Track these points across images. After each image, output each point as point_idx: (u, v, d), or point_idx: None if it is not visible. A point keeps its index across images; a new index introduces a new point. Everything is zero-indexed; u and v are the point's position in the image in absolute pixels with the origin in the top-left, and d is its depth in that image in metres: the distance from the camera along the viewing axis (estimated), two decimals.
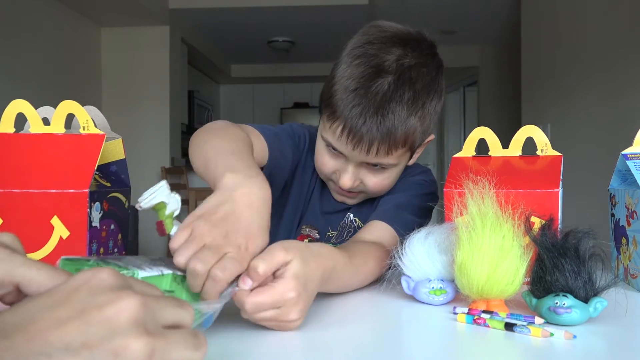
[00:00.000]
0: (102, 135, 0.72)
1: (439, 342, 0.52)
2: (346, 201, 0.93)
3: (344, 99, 0.78)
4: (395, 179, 0.89)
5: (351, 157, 0.82)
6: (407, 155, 0.86)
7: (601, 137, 2.68)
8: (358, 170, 0.85)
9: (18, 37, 3.35)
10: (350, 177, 0.84)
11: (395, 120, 0.78)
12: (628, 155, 0.76)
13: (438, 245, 0.62)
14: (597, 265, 0.55)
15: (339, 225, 0.98)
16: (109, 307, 0.30)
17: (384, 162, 0.82)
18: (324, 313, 0.59)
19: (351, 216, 0.97)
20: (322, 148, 0.86)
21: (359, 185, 0.87)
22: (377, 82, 0.77)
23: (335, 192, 0.93)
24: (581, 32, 2.94)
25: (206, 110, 6.08)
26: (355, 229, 0.96)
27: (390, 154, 0.81)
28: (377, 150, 0.79)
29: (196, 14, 4.55)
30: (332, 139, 0.82)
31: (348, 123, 0.78)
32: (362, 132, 0.77)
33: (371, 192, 0.89)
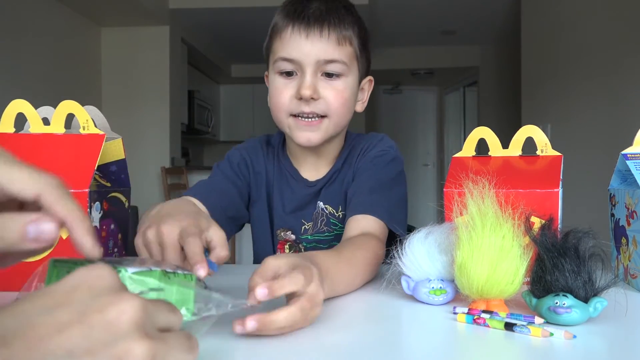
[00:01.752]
0: (102, 135, 0.72)
1: (439, 342, 0.52)
2: (310, 138, 0.90)
3: (285, 12, 0.89)
4: (351, 96, 0.92)
5: (305, 56, 0.86)
6: (355, 66, 0.91)
7: (601, 137, 2.68)
8: (315, 80, 0.87)
9: (18, 37, 3.35)
10: (310, 83, 0.86)
11: (335, 15, 0.87)
12: (628, 155, 0.76)
13: (438, 245, 0.62)
14: (597, 265, 0.55)
15: (312, 215, 0.98)
16: (111, 310, 0.29)
17: (336, 57, 0.86)
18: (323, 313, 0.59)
19: (321, 205, 0.98)
20: (275, 82, 0.90)
21: (320, 102, 0.88)
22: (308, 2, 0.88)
23: (297, 131, 0.90)
24: (581, 32, 2.94)
25: (206, 110, 6.07)
26: (327, 217, 0.97)
27: (340, 44, 0.87)
28: (328, 34, 0.86)
29: (196, 14, 4.55)
30: (284, 50, 0.87)
31: (296, 21, 0.86)
32: (310, 21, 0.86)
33: (333, 108, 0.89)
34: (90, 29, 4.28)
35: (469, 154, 0.83)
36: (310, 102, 0.87)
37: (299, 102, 0.88)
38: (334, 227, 0.97)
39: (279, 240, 1.00)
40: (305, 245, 0.99)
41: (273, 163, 1.02)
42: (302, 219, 0.99)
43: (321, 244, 0.98)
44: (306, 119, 0.89)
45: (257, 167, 1.01)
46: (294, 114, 0.90)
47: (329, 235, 0.98)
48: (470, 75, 6.37)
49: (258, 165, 1.02)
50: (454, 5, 4.58)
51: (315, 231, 0.98)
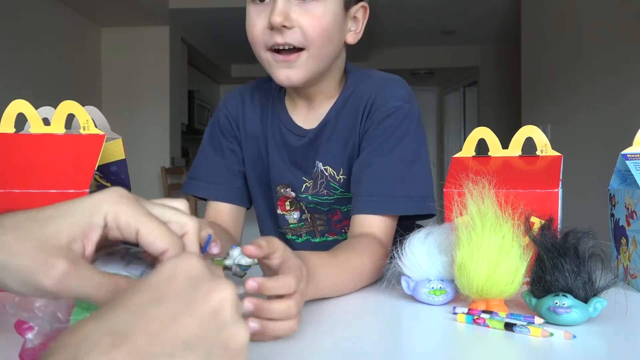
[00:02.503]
0: (102, 135, 0.72)
1: (439, 342, 0.52)
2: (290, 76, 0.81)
3: None
4: (333, 23, 0.79)
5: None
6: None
7: (601, 137, 2.68)
8: (287, 5, 0.76)
9: (18, 37, 3.35)
10: (280, 8, 0.76)
11: None
12: (628, 155, 0.76)
13: (438, 245, 0.62)
14: (596, 265, 0.55)
15: (312, 174, 0.90)
16: (214, 298, 0.30)
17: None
18: (323, 313, 0.59)
19: (320, 165, 0.89)
20: (249, 12, 0.81)
21: (295, 31, 0.77)
22: None
23: (275, 69, 0.81)
24: (581, 32, 2.94)
25: (206, 110, 6.08)
26: (327, 179, 0.89)
27: None
28: None
29: (196, 14, 4.55)
30: None
31: None
32: None
33: (310, 37, 0.78)
34: (90, 29, 4.28)
35: (469, 154, 0.83)
36: (283, 32, 0.77)
37: (271, 32, 0.78)
38: (334, 192, 0.89)
39: (278, 197, 0.93)
40: (305, 205, 0.92)
41: (265, 113, 0.93)
42: (303, 175, 0.90)
43: (321, 206, 0.91)
44: (283, 54, 0.79)
45: (247, 124, 0.93)
46: (270, 48, 0.80)
47: (328, 199, 0.90)
48: (470, 75, 6.37)
49: (246, 120, 0.93)
50: (454, 5, 4.58)
51: (314, 192, 0.90)
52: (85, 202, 0.37)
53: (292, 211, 0.93)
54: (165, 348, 0.27)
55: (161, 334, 0.28)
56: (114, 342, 0.26)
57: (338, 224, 0.92)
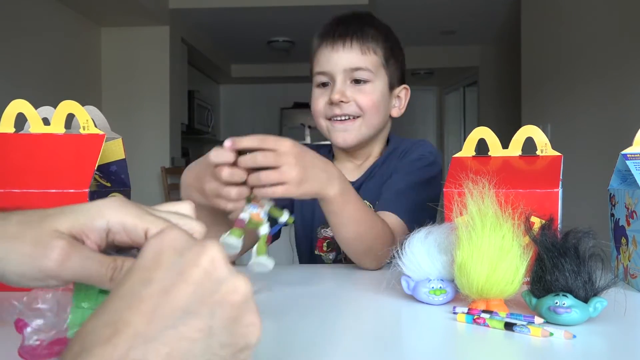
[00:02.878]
0: (102, 135, 0.72)
1: (439, 342, 0.52)
2: (346, 138, 1.00)
3: (320, 34, 1.01)
4: (381, 99, 1.01)
5: (333, 67, 0.98)
6: (382, 73, 1.01)
7: (601, 137, 2.68)
8: (344, 86, 0.98)
9: (18, 37, 3.35)
10: (339, 88, 0.97)
11: (359, 29, 0.99)
12: (628, 155, 0.76)
13: (438, 245, 0.62)
14: (597, 265, 0.55)
15: None
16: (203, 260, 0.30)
17: (360, 65, 0.97)
18: (323, 313, 0.59)
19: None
20: (314, 93, 1.03)
21: (351, 104, 0.98)
22: (343, 19, 1.01)
23: (333, 133, 1.01)
24: (581, 32, 2.94)
25: (206, 110, 6.07)
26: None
27: (364, 53, 0.98)
28: (351, 44, 0.97)
29: (196, 14, 4.55)
30: (318, 65, 1.00)
31: (325, 38, 0.99)
32: (335, 34, 0.98)
33: (364, 109, 0.99)
34: (90, 29, 4.28)
35: (469, 154, 0.83)
36: (341, 105, 0.98)
37: (331, 106, 0.99)
38: None
39: (318, 237, 1.07)
40: None
41: None
42: None
43: None
44: (339, 120, 0.99)
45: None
46: (329, 117, 1.00)
47: None
48: (470, 75, 6.37)
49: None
50: (454, 5, 4.58)
51: None
52: (90, 206, 0.37)
53: (328, 252, 1.06)
54: (165, 321, 0.27)
55: (158, 310, 0.28)
56: (113, 331, 0.26)
57: None
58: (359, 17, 1.03)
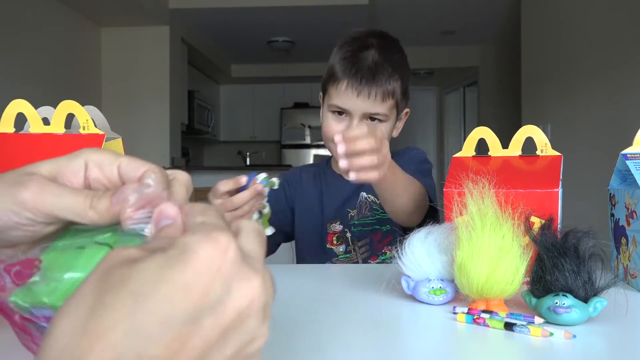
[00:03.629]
0: (102, 135, 0.72)
1: (439, 342, 0.52)
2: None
3: (343, 65, 1.04)
4: (389, 135, 1.09)
5: (354, 108, 1.03)
6: (394, 112, 1.08)
7: (601, 137, 2.68)
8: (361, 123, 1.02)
9: (18, 37, 3.35)
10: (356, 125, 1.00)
11: (384, 74, 1.04)
12: (628, 155, 0.76)
13: (438, 245, 0.62)
14: (596, 265, 0.55)
15: (356, 204, 1.13)
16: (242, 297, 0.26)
17: (380, 111, 1.03)
18: (323, 313, 0.59)
19: (364, 195, 1.13)
20: (328, 117, 1.07)
21: None
22: (364, 53, 1.05)
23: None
24: (581, 31, 2.94)
25: (206, 110, 6.07)
26: (370, 204, 1.12)
27: (384, 101, 1.03)
28: (375, 95, 1.02)
29: (196, 14, 4.55)
30: (338, 99, 1.04)
31: (350, 79, 1.03)
32: (362, 82, 1.02)
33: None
34: (90, 29, 4.28)
35: (469, 154, 0.83)
36: None
37: None
38: (376, 212, 1.12)
39: (328, 233, 1.14)
40: (352, 230, 1.13)
41: (318, 179, 1.21)
42: (348, 207, 1.14)
43: (365, 227, 1.13)
44: None
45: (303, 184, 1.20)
46: None
47: (372, 219, 1.13)
48: (470, 75, 6.37)
49: (302, 182, 1.21)
50: (454, 5, 4.58)
51: (360, 216, 1.13)
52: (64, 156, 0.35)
53: (338, 245, 1.14)
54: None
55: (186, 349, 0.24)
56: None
57: (379, 244, 1.13)
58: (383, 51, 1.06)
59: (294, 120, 6.89)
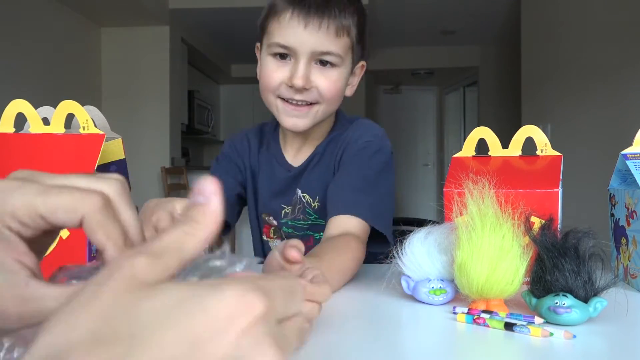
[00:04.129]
0: (102, 135, 0.72)
1: (439, 342, 0.52)
2: (297, 124, 0.90)
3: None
4: (343, 86, 0.91)
5: (301, 45, 0.84)
6: (349, 57, 0.89)
7: (601, 137, 2.68)
8: (309, 68, 0.85)
9: (18, 37, 3.35)
10: (303, 73, 0.85)
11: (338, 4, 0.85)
12: (628, 155, 0.76)
13: (438, 245, 0.62)
14: (597, 265, 0.55)
15: (291, 200, 0.98)
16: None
17: (333, 50, 0.85)
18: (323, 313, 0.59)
19: (299, 192, 0.98)
20: (267, 62, 0.88)
21: (312, 91, 0.87)
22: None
23: (284, 115, 0.90)
24: (581, 32, 2.94)
25: (206, 110, 6.07)
26: (304, 206, 0.97)
27: (339, 36, 0.85)
28: (327, 26, 0.83)
29: (196, 14, 4.55)
30: (280, 35, 0.85)
31: (296, 7, 0.84)
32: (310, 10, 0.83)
33: (325, 97, 0.88)
34: (90, 29, 4.28)
35: (469, 154, 0.83)
36: (302, 91, 0.86)
37: (289, 88, 0.86)
38: (309, 217, 0.97)
39: (264, 224, 1.02)
40: (285, 231, 0.99)
41: (262, 149, 1.03)
42: (282, 203, 0.99)
43: (297, 231, 0.98)
44: (295, 104, 0.88)
45: (244, 156, 1.03)
46: (283, 98, 0.88)
47: (304, 224, 0.98)
48: (470, 75, 6.37)
49: (244, 154, 1.03)
50: (454, 5, 4.58)
51: (293, 217, 0.98)
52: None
53: (274, 239, 1.02)
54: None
55: None
56: None
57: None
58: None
59: None
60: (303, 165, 0.98)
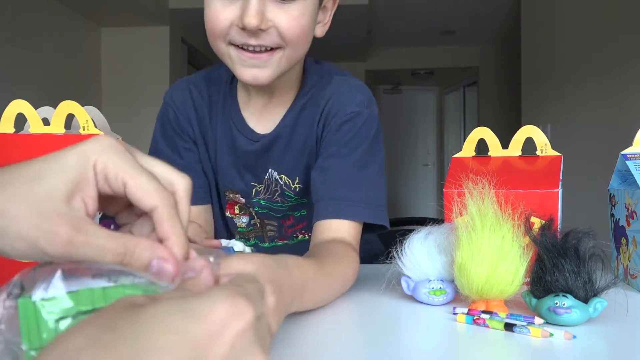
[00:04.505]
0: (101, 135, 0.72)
1: (439, 342, 0.52)
2: (257, 76, 0.73)
3: None
4: (310, 22, 0.73)
5: None
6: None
7: (601, 137, 2.68)
8: (263, 3, 0.68)
9: (18, 37, 3.35)
10: (256, 9, 0.67)
11: None
12: (628, 155, 0.76)
13: (438, 246, 0.62)
14: (597, 266, 0.55)
15: (263, 180, 0.86)
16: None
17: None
18: (323, 313, 0.59)
19: (275, 174, 0.85)
20: (211, 3, 0.72)
21: (270, 32, 0.70)
22: None
23: (241, 66, 0.73)
24: (581, 31, 2.94)
25: None
26: (282, 188, 0.85)
27: None
28: None
29: (196, 14, 4.53)
30: None
31: None
32: None
33: (287, 38, 0.71)
34: (90, 29, 4.28)
35: (469, 154, 0.83)
36: (258, 34, 0.70)
37: (242, 31, 0.70)
38: (289, 199, 0.86)
39: (227, 200, 0.89)
40: (257, 211, 0.88)
41: (215, 108, 0.85)
42: (253, 181, 0.86)
43: (274, 212, 0.88)
44: (252, 51, 0.72)
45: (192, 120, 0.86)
46: (236, 44, 0.72)
47: (282, 206, 0.87)
48: (470, 75, 6.37)
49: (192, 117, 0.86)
50: (454, 5, 4.58)
51: (267, 197, 0.87)
52: (73, 154, 0.35)
53: (241, 215, 0.89)
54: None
55: None
56: None
57: (290, 229, 0.90)
58: None
59: None
60: (272, 136, 0.82)
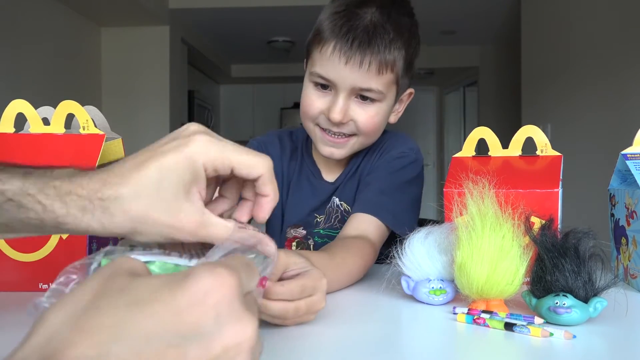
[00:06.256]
0: (102, 135, 0.72)
1: (439, 342, 0.52)
2: (334, 153, 0.90)
3: (332, 22, 0.84)
4: (383, 119, 0.89)
5: (341, 80, 0.83)
6: (392, 90, 0.87)
7: (601, 137, 2.68)
8: (347, 103, 0.85)
9: (18, 37, 3.35)
10: (341, 108, 0.84)
11: (383, 38, 0.82)
12: (628, 155, 0.76)
13: (438, 245, 0.62)
14: (597, 265, 0.55)
15: (325, 209, 0.97)
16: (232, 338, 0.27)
17: (373, 86, 0.83)
18: (323, 313, 0.59)
19: (337, 200, 0.97)
20: (309, 90, 0.88)
21: (349, 124, 0.87)
22: (362, 9, 0.83)
23: (322, 144, 0.90)
24: (581, 32, 2.94)
25: (206, 110, 6.07)
26: (342, 213, 0.96)
27: (381, 73, 0.82)
28: (369, 64, 0.81)
29: (196, 14, 4.55)
30: (321, 67, 0.84)
31: (339, 41, 0.82)
32: (353, 45, 0.81)
33: (362, 131, 0.88)
34: (90, 29, 4.28)
35: (469, 154, 0.83)
36: (339, 125, 0.87)
37: (327, 120, 0.86)
38: None
39: (287, 237, 0.99)
40: (316, 241, 0.97)
41: (294, 159, 1.01)
42: (316, 212, 0.98)
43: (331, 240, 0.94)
44: (333, 135, 0.89)
45: (276, 162, 0.99)
46: (321, 127, 0.89)
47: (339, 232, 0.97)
48: (470, 75, 6.37)
49: (276, 160, 0.99)
50: (454, 5, 4.58)
51: (327, 226, 0.97)
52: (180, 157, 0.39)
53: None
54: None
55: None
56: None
57: None
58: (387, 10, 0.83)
59: (294, 120, 6.90)
60: (341, 180, 0.98)
